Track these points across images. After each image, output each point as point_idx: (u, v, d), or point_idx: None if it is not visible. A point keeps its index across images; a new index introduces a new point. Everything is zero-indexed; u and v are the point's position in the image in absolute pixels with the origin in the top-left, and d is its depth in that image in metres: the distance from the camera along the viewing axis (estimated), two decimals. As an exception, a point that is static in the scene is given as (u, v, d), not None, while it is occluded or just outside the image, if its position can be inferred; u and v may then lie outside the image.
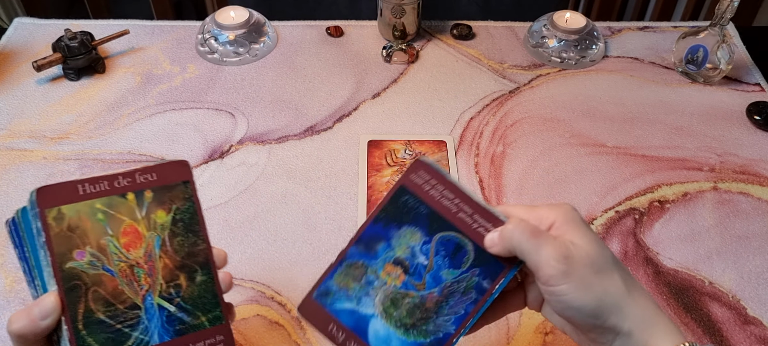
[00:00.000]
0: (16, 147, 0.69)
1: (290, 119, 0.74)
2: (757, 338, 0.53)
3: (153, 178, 0.40)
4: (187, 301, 0.40)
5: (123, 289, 0.38)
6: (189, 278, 0.40)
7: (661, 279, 0.57)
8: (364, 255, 0.41)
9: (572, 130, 0.73)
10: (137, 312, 0.38)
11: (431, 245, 0.40)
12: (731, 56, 0.76)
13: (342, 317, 0.40)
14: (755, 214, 0.63)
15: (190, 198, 0.41)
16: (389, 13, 0.82)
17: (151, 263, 0.39)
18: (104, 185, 0.38)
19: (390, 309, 0.40)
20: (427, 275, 0.40)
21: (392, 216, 0.41)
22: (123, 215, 0.39)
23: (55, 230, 0.37)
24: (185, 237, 0.40)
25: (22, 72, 0.79)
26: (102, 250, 0.38)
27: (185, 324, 0.40)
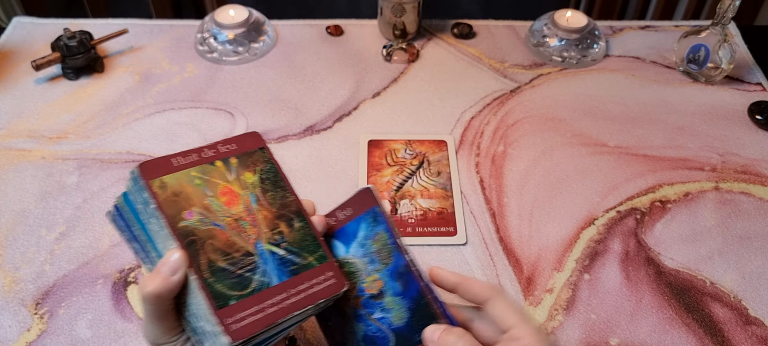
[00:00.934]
0: (15, 147, 0.68)
1: (290, 119, 0.73)
2: (759, 339, 0.53)
3: (233, 147, 0.45)
4: (293, 245, 0.43)
5: (234, 240, 0.42)
6: (288, 225, 0.44)
7: (663, 279, 0.57)
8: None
9: (573, 129, 0.73)
10: (252, 258, 0.42)
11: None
12: (733, 55, 0.76)
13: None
14: (757, 214, 0.63)
15: (269, 160, 0.45)
16: (389, 11, 0.82)
17: (252, 215, 0.43)
18: (194, 156, 0.43)
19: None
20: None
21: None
22: (217, 179, 0.43)
23: (162, 197, 0.40)
24: (274, 192, 0.44)
25: (21, 71, 0.78)
26: (207, 208, 0.42)
27: (297, 265, 0.43)
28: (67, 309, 0.54)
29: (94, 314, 0.53)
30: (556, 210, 0.63)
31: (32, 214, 0.61)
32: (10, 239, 0.59)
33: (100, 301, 0.54)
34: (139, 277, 0.56)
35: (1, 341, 0.51)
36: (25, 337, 0.52)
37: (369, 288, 0.44)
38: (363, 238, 0.45)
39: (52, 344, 0.51)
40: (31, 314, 0.53)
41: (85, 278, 0.56)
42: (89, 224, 0.60)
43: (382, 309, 0.43)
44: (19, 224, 0.60)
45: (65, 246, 0.59)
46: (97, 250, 0.58)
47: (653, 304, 0.55)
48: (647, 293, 0.56)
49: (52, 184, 0.64)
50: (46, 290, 0.55)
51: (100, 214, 0.61)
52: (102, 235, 0.60)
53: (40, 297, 0.54)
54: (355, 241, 0.45)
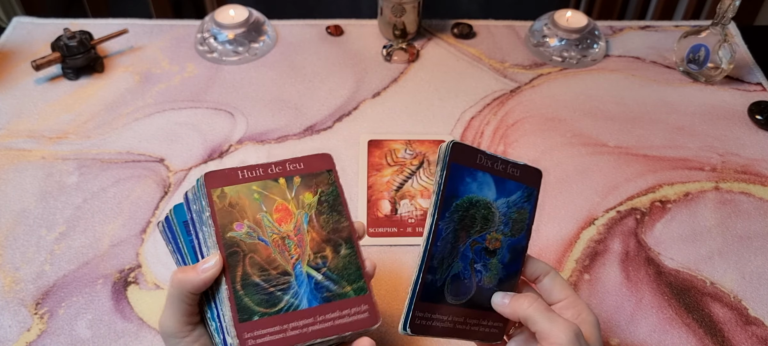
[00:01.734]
0: (15, 147, 0.68)
1: (290, 119, 0.73)
2: (759, 339, 0.53)
3: (300, 166, 0.45)
4: (333, 271, 0.44)
5: (275, 257, 0.43)
6: (334, 251, 0.44)
7: (663, 279, 0.57)
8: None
9: (573, 129, 0.73)
10: (288, 278, 0.42)
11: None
12: (733, 55, 0.76)
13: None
14: (757, 214, 0.63)
15: (333, 183, 0.46)
16: (389, 11, 0.82)
17: (300, 235, 0.44)
18: (259, 171, 0.44)
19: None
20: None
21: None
22: (275, 196, 0.44)
23: (219, 206, 0.43)
24: (330, 215, 0.45)
25: (21, 71, 0.78)
26: (257, 223, 0.43)
27: (332, 292, 0.43)
28: (67, 309, 0.54)
29: (94, 314, 0.53)
30: (556, 210, 0.63)
31: (32, 214, 0.61)
32: (10, 239, 0.59)
33: (100, 301, 0.54)
34: (139, 277, 0.56)
35: (1, 341, 0.51)
36: (25, 337, 0.52)
37: (489, 242, 0.45)
38: (513, 202, 0.45)
39: (52, 344, 0.51)
40: (31, 314, 0.53)
41: (85, 278, 0.56)
42: (89, 224, 0.60)
43: (484, 265, 0.45)
44: (19, 224, 0.60)
45: (65, 246, 0.59)
46: (97, 250, 0.58)
47: (653, 304, 0.55)
48: (647, 293, 0.56)
49: (52, 184, 0.64)
50: (46, 290, 0.55)
51: (101, 214, 0.61)
52: (102, 235, 0.60)
53: (40, 297, 0.54)
54: (507, 199, 0.45)
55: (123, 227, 0.60)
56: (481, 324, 0.45)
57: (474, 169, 0.44)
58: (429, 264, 0.43)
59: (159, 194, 0.64)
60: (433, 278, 0.43)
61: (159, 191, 0.64)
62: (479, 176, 0.44)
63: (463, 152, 0.44)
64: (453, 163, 0.44)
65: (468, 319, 0.44)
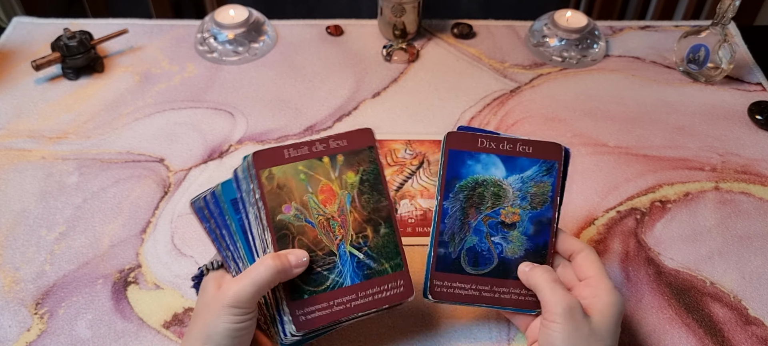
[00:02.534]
0: (15, 147, 0.68)
1: (290, 119, 0.73)
2: (759, 339, 0.53)
3: (344, 143, 0.47)
4: (373, 250, 0.46)
5: (321, 238, 0.45)
6: (374, 231, 0.46)
7: (663, 279, 0.57)
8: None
9: (573, 129, 0.73)
10: (333, 258, 0.45)
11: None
12: (733, 55, 0.76)
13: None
14: (757, 214, 0.63)
15: (374, 161, 0.47)
16: (389, 11, 0.82)
17: (343, 216, 0.46)
18: (305, 149, 0.46)
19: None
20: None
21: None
22: (320, 176, 0.46)
23: (268, 188, 0.44)
24: (371, 195, 0.47)
25: (21, 71, 0.78)
26: (304, 205, 0.45)
27: (372, 269, 0.46)
28: (67, 309, 0.54)
29: (94, 314, 0.53)
30: (556, 210, 0.63)
31: (32, 214, 0.61)
32: (10, 239, 0.59)
33: (100, 301, 0.54)
34: (139, 277, 0.56)
35: (1, 341, 0.51)
36: (25, 337, 0.52)
37: (505, 216, 0.48)
38: (528, 177, 0.48)
39: (52, 344, 0.51)
40: (31, 314, 0.53)
41: (85, 278, 0.56)
42: (89, 224, 0.60)
43: (503, 237, 0.48)
44: (19, 224, 0.60)
45: (65, 246, 0.59)
46: (97, 250, 0.58)
47: (653, 304, 0.55)
48: (647, 293, 0.56)
49: (52, 184, 0.64)
50: (46, 290, 0.55)
51: (101, 214, 0.62)
52: (102, 235, 0.60)
53: (40, 297, 0.55)
54: (520, 175, 0.48)
55: (123, 227, 0.60)
56: (512, 292, 0.48)
57: (475, 153, 0.48)
58: (439, 239, 0.48)
59: (159, 194, 0.64)
60: (447, 251, 0.48)
61: (159, 191, 0.64)
62: (482, 158, 0.48)
63: (461, 139, 0.48)
64: (451, 150, 0.48)
65: (495, 287, 0.48)
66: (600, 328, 0.43)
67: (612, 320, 0.44)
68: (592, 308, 0.44)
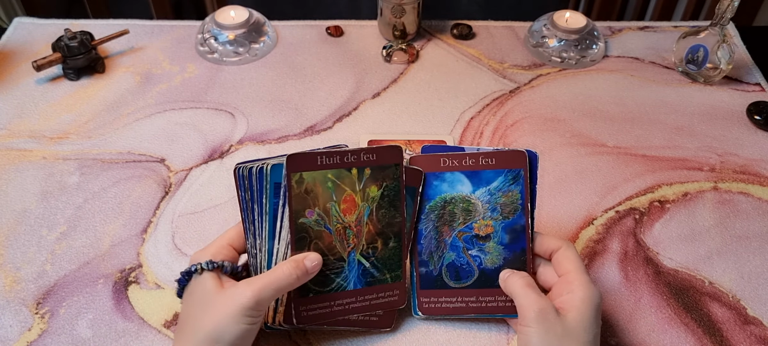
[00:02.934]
0: (16, 147, 0.69)
1: (290, 119, 0.73)
2: (758, 338, 0.53)
3: (373, 158, 0.48)
4: (379, 260, 0.49)
5: (336, 245, 0.48)
6: (384, 243, 0.49)
7: (662, 279, 0.57)
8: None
9: (572, 129, 0.73)
10: (342, 264, 0.48)
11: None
12: (731, 56, 0.76)
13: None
14: (755, 214, 0.63)
15: (397, 178, 0.49)
16: (389, 12, 0.82)
17: (359, 227, 0.48)
18: (337, 159, 0.47)
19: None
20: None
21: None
22: (346, 185, 0.48)
23: (295, 191, 0.46)
24: (388, 210, 0.49)
25: (22, 72, 0.78)
26: (326, 212, 0.47)
27: (374, 278, 0.49)
28: (68, 309, 0.54)
29: (95, 313, 0.54)
30: (554, 210, 0.63)
31: (33, 214, 0.62)
32: (11, 238, 0.59)
33: (101, 301, 0.54)
34: (139, 277, 0.56)
35: (2, 341, 0.52)
36: (26, 336, 0.52)
37: (478, 229, 0.49)
38: (495, 189, 0.49)
39: (52, 343, 0.51)
40: (32, 313, 0.53)
41: (86, 278, 0.56)
42: (90, 224, 0.61)
43: (480, 249, 0.50)
44: (20, 224, 0.61)
45: (66, 246, 0.59)
46: (98, 250, 0.59)
47: (652, 304, 0.55)
48: (646, 292, 0.56)
49: (53, 184, 0.64)
50: (47, 289, 0.55)
51: (101, 213, 0.62)
52: (103, 235, 0.60)
53: (41, 297, 0.55)
54: (486, 187, 0.49)
55: (124, 226, 0.61)
56: (498, 300, 0.50)
57: (440, 173, 0.49)
58: (418, 259, 0.50)
59: (160, 194, 0.64)
60: (428, 269, 0.50)
61: (160, 191, 0.64)
62: (447, 176, 0.49)
63: (424, 161, 0.49)
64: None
65: (480, 297, 0.50)
66: (575, 326, 0.43)
67: (588, 315, 0.44)
68: (567, 304, 0.45)
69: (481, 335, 0.52)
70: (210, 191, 0.64)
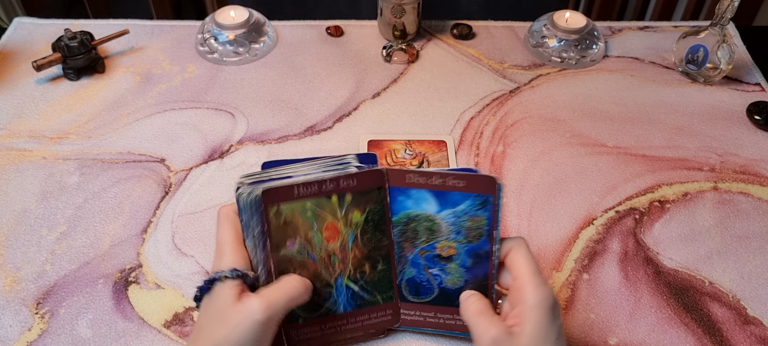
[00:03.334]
0: (16, 147, 0.69)
1: (290, 119, 0.73)
2: (758, 338, 0.53)
3: (353, 183, 0.47)
4: (369, 284, 0.49)
5: (321, 272, 0.47)
6: (372, 267, 0.48)
7: (662, 279, 0.57)
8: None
9: (572, 129, 0.73)
10: (329, 289, 0.48)
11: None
12: (731, 56, 0.76)
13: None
14: (755, 214, 0.63)
15: (381, 202, 0.48)
16: (389, 12, 0.82)
17: (344, 253, 0.48)
18: (315, 187, 0.46)
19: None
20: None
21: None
22: (327, 213, 0.47)
23: (274, 224, 0.45)
24: (373, 234, 0.48)
25: (22, 72, 0.78)
26: (308, 241, 0.46)
27: (364, 300, 0.49)
28: (68, 309, 0.54)
29: (95, 313, 0.54)
30: (554, 210, 0.63)
31: (33, 214, 0.62)
32: (11, 238, 0.59)
33: (101, 301, 0.55)
34: (139, 277, 0.57)
35: (2, 341, 0.52)
36: (25, 336, 0.52)
37: (441, 249, 0.48)
38: (461, 211, 0.48)
39: (52, 343, 0.51)
40: (32, 313, 0.53)
41: (86, 278, 0.56)
42: (90, 224, 0.61)
43: (441, 269, 0.49)
44: (20, 224, 0.61)
45: (66, 246, 0.59)
46: (98, 250, 0.59)
47: (652, 304, 0.55)
48: (646, 292, 0.56)
49: (53, 184, 0.65)
50: (47, 289, 0.55)
51: (101, 213, 0.62)
52: (103, 235, 0.60)
53: (41, 297, 0.55)
54: (452, 209, 0.48)
55: (124, 226, 0.61)
56: (457, 319, 0.49)
57: (405, 189, 0.48)
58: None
59: (160, 194, 0.64)
60: None
61: (160, 191, 0.64)
62: (413, 193, 0.48)
63: (391, 175, 0.48)
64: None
65: (439, 314, 0.50)
66: (531, 341, 0.41)
67: (543, 322, 0.42)
68: (521, 317, 0.42)
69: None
70: (210, 191, 0.64)
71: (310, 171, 0.48)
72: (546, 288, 0.43)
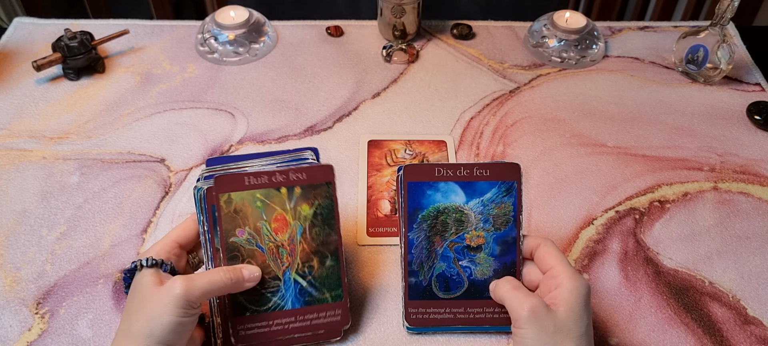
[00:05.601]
0: (16, 147, 0.69)
1: (290, 119, 0.73)
2: (758, 338, 0.53)
3: (303, 177, 0.48)
4: (317, 279, 0.49)
5: (269, 263, 0.48)
6: (320, 262, 0.49)
7: (662, 279, 0.57)
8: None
9: (572, 129, 0.73)
10: (278, 282, 0.48)
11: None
12: (731, 56, 0.76)
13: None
14: (755, 214, 0.63)
15: (330, 196, 0.49)
16: (389, 12, 0.82)
17: (292, 246, 0.48)
18: (265, 179, 0.47)
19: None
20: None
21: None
22: (275, 205, 0.48)
23: (225, 211, 0.47)
24: (322, 229, 0.49)
25: (22, 72, 0.78)
26: (257, 231, 0.47)
27: (313, 297, 0.49)
28: (68, 309, 0.54)
29: (95, 313, 0.54)
30: (554, 210, 0.63)
31: (33, 214, 0.62)
32: (11, 238, 0.59)
33: (101, 301, 0.55)
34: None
35: (2, 341, 0.52)
36: (25, 336, 0.52)
37: (470, 239, 0.49)
38: (488, 200, 0.49)
39: (53, 343, 0.51)
40: (32, 313, 0.54)
41: (86, 278, 0.56)
42: (90, 224, 0.61)
43: (471, 260, 0.50)
44: (20, 224, 0.61)
45: (66, 246, 0.59)
46: (98, 250, 0.59)
47: (652, 304, 0.55)
48: (646, 292, 0.56)
49: (53, 184, 0.65)
50: (47, 289, 0.55)
51: (101, 214, 0.62)
52: (103, 235, 0.60)
53: (41, 297, 0.55)
54: (480, 198, 0.49)
55: (124, 226, 0.61)
56: (486, 311, 0.50)
57: (434, 182, 0.49)
58: (408, 269, 0.50)
59: (160, 194, 0.64)
60: (418, 280, 0.50)
61: (160, 191, 0.64)
62: (441, 186, 0.49)
63: (418, 171, 0.49)
64: (409, 183, 0.50)
65: (469, 308, 0.50)
66: (566, 320, 0.43)
67: (578, 306, 0.44)
68: (557, 299, 0.45)
69: (483, 339, 0.52)
70: (210, 191, 0.64)
71: (264, 165, 0.50)
72: (582, 278, 0.46)
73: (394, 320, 0.53)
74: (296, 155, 0.51)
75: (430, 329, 0.51)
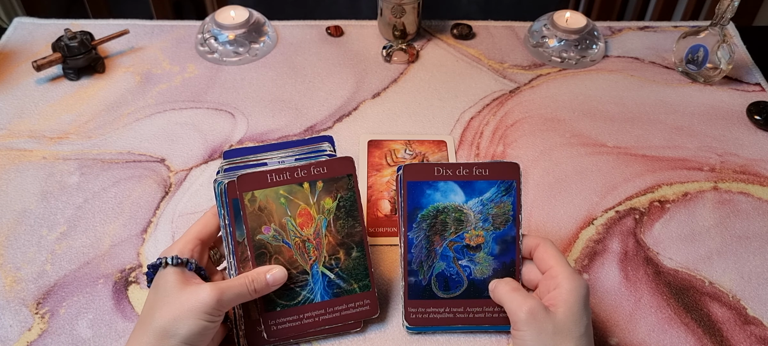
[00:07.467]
0: (16, 147, 0.69)
1: (290, 119, 0.73)
2: (758, 338, 0.53)
3: (324, 171, 0.49)
4: (344, 271, 0.50)
5: (296, 258, 0.49)
6: (346, 253, 0.50)
7: (662, 279, 0.57)
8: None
9: (572, 129, 0.73)
10: (306, 276, 0.49)
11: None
12: (731, 56, 0.76)
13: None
14: (755, 214, 0.63)
15: (351, 188, 0.50)
16: (389, 12, 0.82)
17: (318, 239, 0.49)
18: (287, 175, 0.48)
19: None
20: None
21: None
22: (299, 200, 0.48)
23: (250, 210, 0.47)
24: (346, 220, 0.50)
25: (22, 72, 0.78)
26: (283, 227, 0.48)
27: (341, 289, 0.50)
28: (68, 309, 0.54)
29: (95, 313, 0.54)
30: (554, 210, 0.63)
31: (33, 214, 0.62)
32: (11, 238, 0.59)
33: (101, 300, 0.55)
34: (139, 277, 0.57)
35: (3, 341, 0.52)
36: (26, 336, 0.52)
37: (469, 239, 0.50)
38: (488, 199, 0.50)
39: (52, 343, 0.51)
40: (32, 313, 0.54)
41: (86, 278, 0.56)
42: (90, 224, 0.61)
43: (470, 260, 0.50)
44: (20, 224, 0.61)
45: (66, 246, 0.59)
46: (98, 250, 0.59)
47: (652, 304, 0.55)
48: (646, 292, 0.56)
49: (53, 184, 0.65)
50: (47, 289, 0.55)
51: (101, 213, 0.62)
52: (103, 235, 0.60)
53: (41, 297, 0.55)
54: (479, 198, 0.50)
55: (124, 226, 0.61)
56: (486, 311, 0.50)
57: (433, 182, 0.49)
58: (407, 269, 0.50)
59: (160, 194, 0.64)
60: (417, 279, 0.50)
61: (160, 191, 0.64)
62: (440, 186, 0.49)
63: (417, 170, 0.49)
64: (409, 182, 0.50)
65: (468, 308, 0.50)
66: (565, 321, 0.43)
67: (576, 307, 0.44)
68: (555, 299, 0.45)
69: (482, 339, 0.52)
70: (210, 191, 0.64)
71: (283, 156, 0.50)
72: (581, 278, 0.45)
73: (393, 320, 0.53)
74: (314, 146, 0.52)
75: (430, 328, 0.51)
